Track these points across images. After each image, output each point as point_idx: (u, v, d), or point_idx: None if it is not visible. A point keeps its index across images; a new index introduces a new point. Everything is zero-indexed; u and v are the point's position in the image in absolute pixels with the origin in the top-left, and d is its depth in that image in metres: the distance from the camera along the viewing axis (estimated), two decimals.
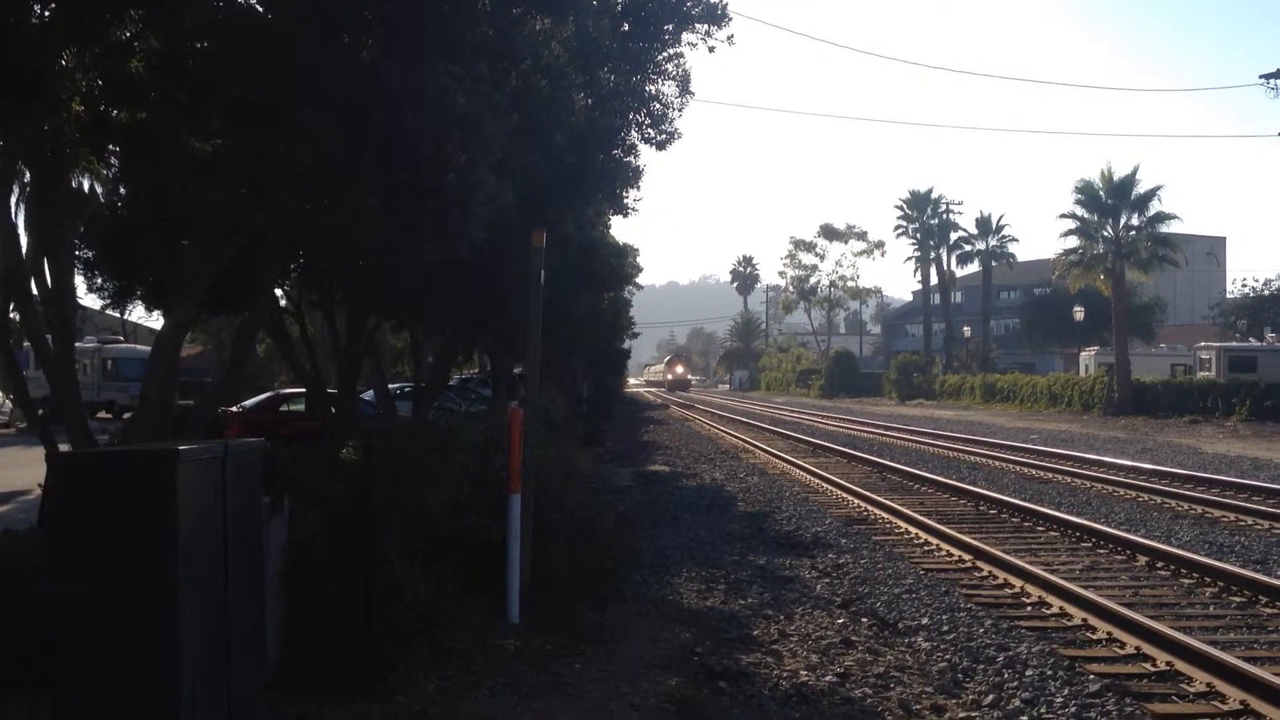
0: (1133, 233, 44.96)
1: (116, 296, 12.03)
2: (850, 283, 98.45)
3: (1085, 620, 8.48)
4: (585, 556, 9.28)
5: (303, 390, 17.37)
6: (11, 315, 8.50)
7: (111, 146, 9.20)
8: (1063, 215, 46.52)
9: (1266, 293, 58.10)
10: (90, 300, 28.77)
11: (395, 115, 7.17)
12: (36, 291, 8.43)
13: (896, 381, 70.40)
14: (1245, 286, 62.31)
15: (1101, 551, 11.70)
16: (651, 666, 7.39)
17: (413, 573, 7.15)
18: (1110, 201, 44.96)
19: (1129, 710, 6.44)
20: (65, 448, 7.57)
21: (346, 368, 15.28)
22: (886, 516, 14.36)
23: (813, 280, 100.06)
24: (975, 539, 11.92)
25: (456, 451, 9.64)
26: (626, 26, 11.14)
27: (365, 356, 16.78)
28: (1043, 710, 6.50)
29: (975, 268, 71.11)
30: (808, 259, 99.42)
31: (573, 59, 9.61)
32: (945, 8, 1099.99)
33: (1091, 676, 7.10)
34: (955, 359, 72.80)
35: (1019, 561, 10.50)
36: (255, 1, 7.97)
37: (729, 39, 11.63)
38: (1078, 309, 53.01)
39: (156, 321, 25.83)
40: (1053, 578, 9.64)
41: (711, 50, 11.74)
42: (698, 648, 7.90)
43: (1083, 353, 56.34)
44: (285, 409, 20.89)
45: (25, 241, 9.08)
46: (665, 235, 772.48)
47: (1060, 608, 8.94)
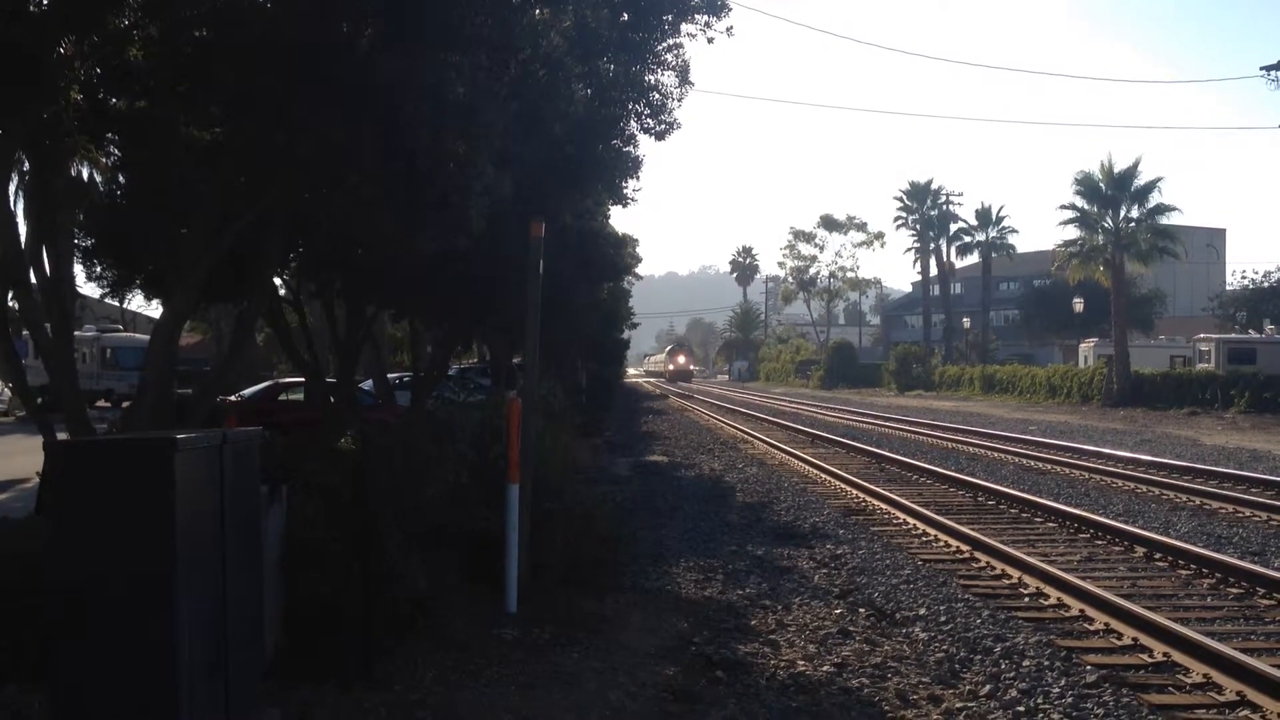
0: (1132, 224, 44.93)
1: (115, 285, 11.98)
2: (850, 274, 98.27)
3: (1083, 611, 8.50)
4: (583, 546, 9.29)
5: (301, 380, 17.38)
6: (10, 304, 8.50)
7: (110, 135, 9.17)
8: (1062, 206, 46.62)
9: (1266, 285, 58.08)
10: (89, 289, 28.85)
11: (394, 105, 7.15)
12: (35, 280, 8.43)
13: (895, 372, 70.39)
14: (1245, 278, 62.33)
15: (1099, 542, 11.72)
16: (649, 656, 7.42)
17: (411, 562, 7.17)
18: (1110, 193, 44.92)
19: (1126, 700, 6.46)
20: (63, 436, 7.57)
21: (345, 357, 15.28)
22: (884, 507, 14.38)
23: (812, 271, 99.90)
24: (973, 530, 11.93)
25: (455, 441, 9.65)
26: (626, 17, 11.08)
27: (364, 346, 16.76)
28: (1040, 700, 6.52)
29: (975, 259, 71.09)
30: (807, 250, 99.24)
31: (572, 49, 9.57)
32: (944, 3, 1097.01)
33: (1089, 667, 7.13)
34: (954, 350, 72.81)
35: (1017, 552, 10.52)
36: None
37: (728, 30, 11.58)
38: (1077, 300, 53.07)
39: (155, 310, 25.78)
40: (1050, 568, 9.66)
41: (711, 41, 11.69)
42: (695, 637, 7.92)
43: (1082, 344, 56.39)
44: (284, 398, 20.89)
45: (24, 230, 9.07)
46: (665, 225, 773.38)
47: (1058, 598, 8.96)
